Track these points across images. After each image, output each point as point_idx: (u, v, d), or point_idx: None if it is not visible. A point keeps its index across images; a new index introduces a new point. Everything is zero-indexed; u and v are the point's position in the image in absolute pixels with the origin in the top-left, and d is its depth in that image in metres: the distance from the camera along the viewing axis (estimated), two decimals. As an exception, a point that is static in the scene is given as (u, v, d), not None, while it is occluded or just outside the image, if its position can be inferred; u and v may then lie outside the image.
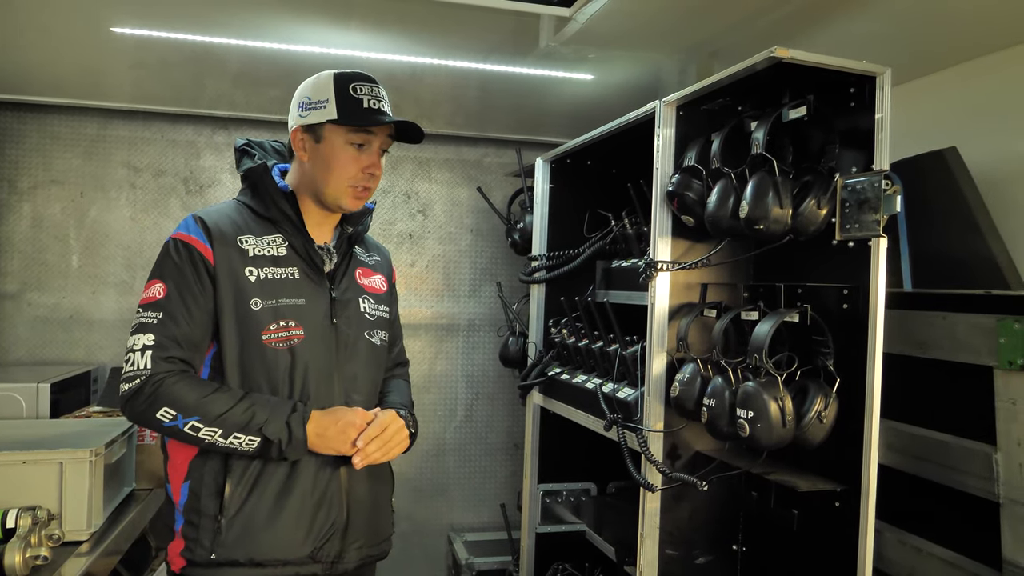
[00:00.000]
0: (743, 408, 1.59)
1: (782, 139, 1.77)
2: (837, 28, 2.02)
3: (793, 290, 1.79)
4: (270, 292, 1.55)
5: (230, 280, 1.53)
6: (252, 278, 1.54)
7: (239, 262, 1.54)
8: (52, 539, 1.78)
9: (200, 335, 1.52)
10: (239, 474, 1.51)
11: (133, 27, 2.18)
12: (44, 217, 3.04)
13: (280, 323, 1.54)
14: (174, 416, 1.44)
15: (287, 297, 1.56)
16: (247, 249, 1.56)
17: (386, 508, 1.74)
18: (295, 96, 1.64)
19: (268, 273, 1.56)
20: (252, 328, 1.53)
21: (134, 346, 1.48)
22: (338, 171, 1.59)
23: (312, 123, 1.59)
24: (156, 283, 1.52)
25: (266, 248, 1.58)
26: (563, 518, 2.67)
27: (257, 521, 1.51)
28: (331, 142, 1.59)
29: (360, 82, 1.60)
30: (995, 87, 2.10)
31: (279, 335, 1.54)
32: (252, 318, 1.53)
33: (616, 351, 2.12)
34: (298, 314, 1.56)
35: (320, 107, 1.58)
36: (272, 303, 1.54)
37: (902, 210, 2.03)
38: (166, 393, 1.45)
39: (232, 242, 1.55)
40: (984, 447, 1.67)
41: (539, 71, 2.52)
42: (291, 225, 1.62)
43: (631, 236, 2.23)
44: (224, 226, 1.56)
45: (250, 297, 1.53)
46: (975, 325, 1.68)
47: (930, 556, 1.78)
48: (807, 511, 1.74)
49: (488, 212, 3.35)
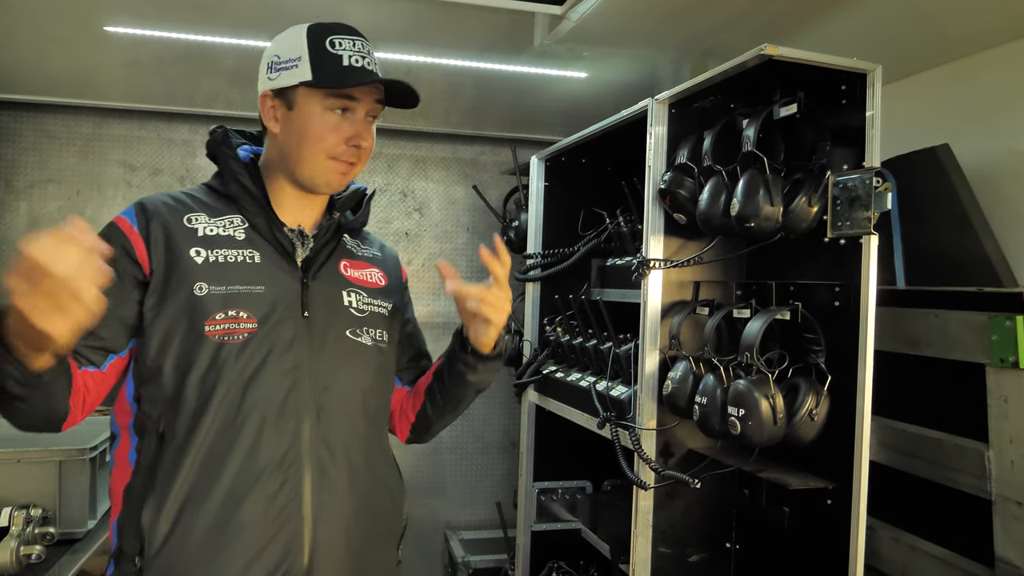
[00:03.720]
0: (734, 406, 1.59)
1: (773, 137, 1.77)
2: (831, 26, 2.02)
3: (785, 288, 1.79)
4: (220, 277, 1.27)
5: (167, 262, 1.26)
6: (199, 259, 1.27)
7: (183, 241, 1.27)
8: (46, 537, 1.79)
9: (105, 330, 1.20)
10: (158, 500, 1.20)
11: (126, 26, 2.18)
12: (40, 216, 3.04)
13: (229, 312, 1.25)
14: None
15: (240, 284, 1.27)
16: (195, 228, 1.30)
17: (385, 556, 1.41)
18: (263, 56, 1.36)
19: (220, 255, 1.28)
20: (194, 317, 1.24)
21: None
22: (315, 142, 1.30)
23: (282, 86, 1.30)
24: None
25: (220, 228, 1.32)
26: (559, 516, 2.67)
27: (179, 565, 1.19)
28: (306, 108, 1.30)
29: (340, 35, 1.31)
30: (987, 84, 2.10)
31: (225, 326, 1.24)
32: (196, 305, 1.24)
33: (610, 349, 2.12)
34: (252, 304, 1.27)
35: (291, 66, 1.29)
36: (221, 289, 1.26)
37: (895, 207, 2.04)
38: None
39: (176, 221, 1.29)
40: (977, 444, 1.66)
41: (534, 69, 2.52)
42: (253, 203, 1.34)
43: (626, 234, 2.23)
44: (168, 204, 1.32)
45: (194, 281, 1.25)
46: (967, 322, 1.68)
47: (923, 553, 1.78)
48: (798, 509, 1.74)
49: (484, 210, 3.35)
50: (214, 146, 1.39)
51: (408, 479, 1.43)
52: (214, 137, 1.39)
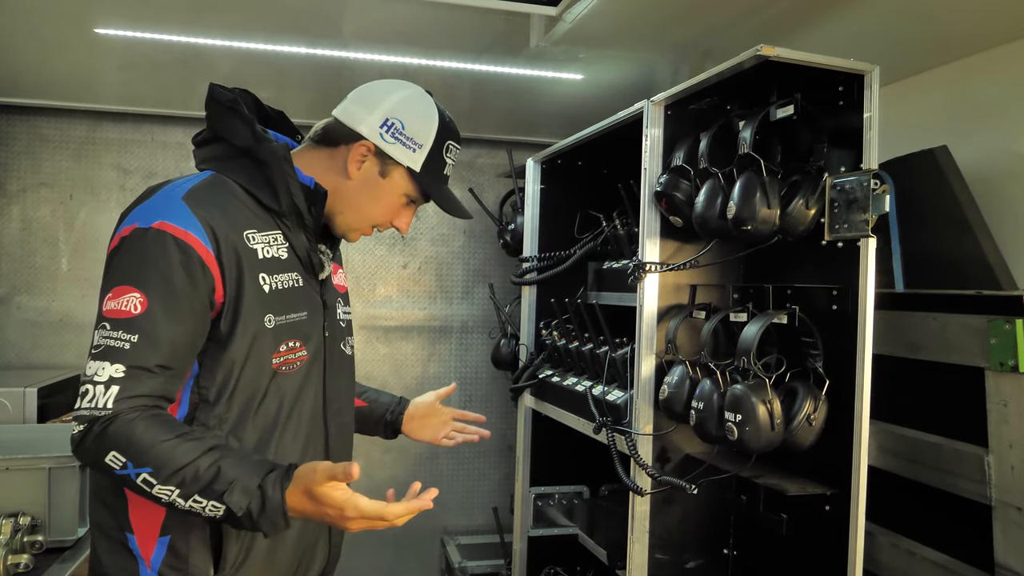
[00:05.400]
0: (731, 411, 1.58)
1: (770, 139, 1.75)
2: (830, 27, 2.01)
3: (782, 291, 1.77)
4: (280, 306, 1.26)
5: (237, 288, 1.20)
6: (266, 287, 1.24)
7: (249, 266, 1.22)
8: (35, 546, 1.76)
9: (183, 366, 1.18)
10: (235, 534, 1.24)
11: (117, 28, 2.17)
12: (33, 220, 3.02)
13: (288, 343, 1.27)
14: (124, 463, 1.09)
15: (293, 312, 1.29)
16: (255, 249, 1.24)
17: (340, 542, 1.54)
18: (382, 104, 1.34)
19: (277, 282, 1.26)
20: (263, 349, 1.23)
21: (96, 376, 1.11)
22: (377, 212, 1.37)
23: (390, 155, 1.33)
24: (131, 292, 1.13)
25: (271, 248, 1.27)
26: (556, 521, 2.65)
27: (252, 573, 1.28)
28: (394, 185, 1.35)
29: (455, 142, 1.41)
30: (986, 85, 2.08)
31: (285, 357, 1.27)
32: (266, 337, 1.23)
33: (606, 353, 2.10)
34: (301, 332, 1.30)
35: (411, 148, 1.34)
36: (283, 319, 1.26)
37: (893, 210, 2.03)
38: (117, 432, 1.09)
39: (239, 240, 1.22)
40: (976, 449, 1.65)
41: (530, 71, 2.50)
42: (297, 222, 1.31)
43: (622, 237, 2.21)
44: (226, 216, 1.22)
45: (264, 312, 1.23)
46: (966, 326, 1.66)
47: (923, 559, 1.76)
48: (796, 515, 1.72)
49: (481, 213, 3.33)
50: (269, 155, 1.27)
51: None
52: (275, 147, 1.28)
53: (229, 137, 1.29)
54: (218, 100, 1.30)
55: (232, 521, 1.12)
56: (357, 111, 1.34)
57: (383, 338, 3.36)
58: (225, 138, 1.30)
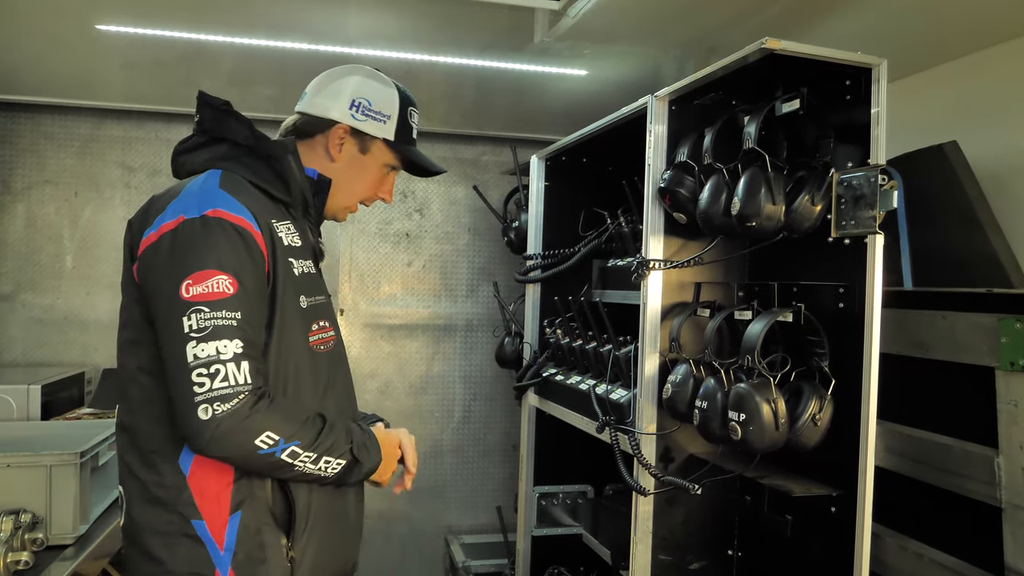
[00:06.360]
0: (735, 410, 1.55)
1: (775, 134, 1.73)
2: (836, 24, 1.99)
3: (787, 289, 1.75)
4: (309, 288, 1.37)
5: (278, 273, 1.29)
6: (295, 271, 1.33)
7: (281, 251, 1.30)
8: (36, 543, 1.76)
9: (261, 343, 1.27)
10: (304, 500, 1.31)
11: (119, 24, 2.16)
12: (38, 217, 3.02)
13: (320, 323, 1.38)
14: (275, 441, 1.19)
15: (318, 295, 1.40)
16: (282, 236, 1.32)
17: None
18: (344, 89, 1.45)
19: (303, 267, 1.36)
20: (301, 330, 1.33)
21: (221, 355, 1.16)
22: (364, 186, 1.51)
23: (365, 131, 1.46)
24: (217, 275, 1.18)
25: (290, 236, 1.35)
26: (560, 521, 2.64)
27: (320, 551, 1.35)
28: (375, 159, 1.49)
29: (414, 107, 1.52)
30: (996, 81, 2.05)
31: (319, 336, 1.37)
32: (302, 317, 1.33)
33: (610, 352, 2.08)
34: (327, 313, 1.42)
35: (381, 120, 1.46)
36: (313, 300, 1.37)
37: (902, 206, 2.00)
38: (272, 413, 1.19)
39: (272, 225, 1.31)
40: (986, 450, 1.62)
41: (534, 67, 2.49)
42: (303, 212, 1.43)
43: (627, 234, 2.19)
44: (260, 204, 1.31)
45: (298, 293, 1.33)
46: (976, 325, 1.64)
47: (931, 562, 1.73)
48: (802, 516, 1.70)
49: (486, 211, 3.32)
50: (276, 151, 1.37)
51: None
52: (284, 144, 1.39)
53: (231, 136, 1.37)
54: (212, 104, 1.37)
55: (344, 476, 1.29)
56: (322, 101, 1.46)
57: (387, 336, 3.35)
58: (227, 138, 1.37)
